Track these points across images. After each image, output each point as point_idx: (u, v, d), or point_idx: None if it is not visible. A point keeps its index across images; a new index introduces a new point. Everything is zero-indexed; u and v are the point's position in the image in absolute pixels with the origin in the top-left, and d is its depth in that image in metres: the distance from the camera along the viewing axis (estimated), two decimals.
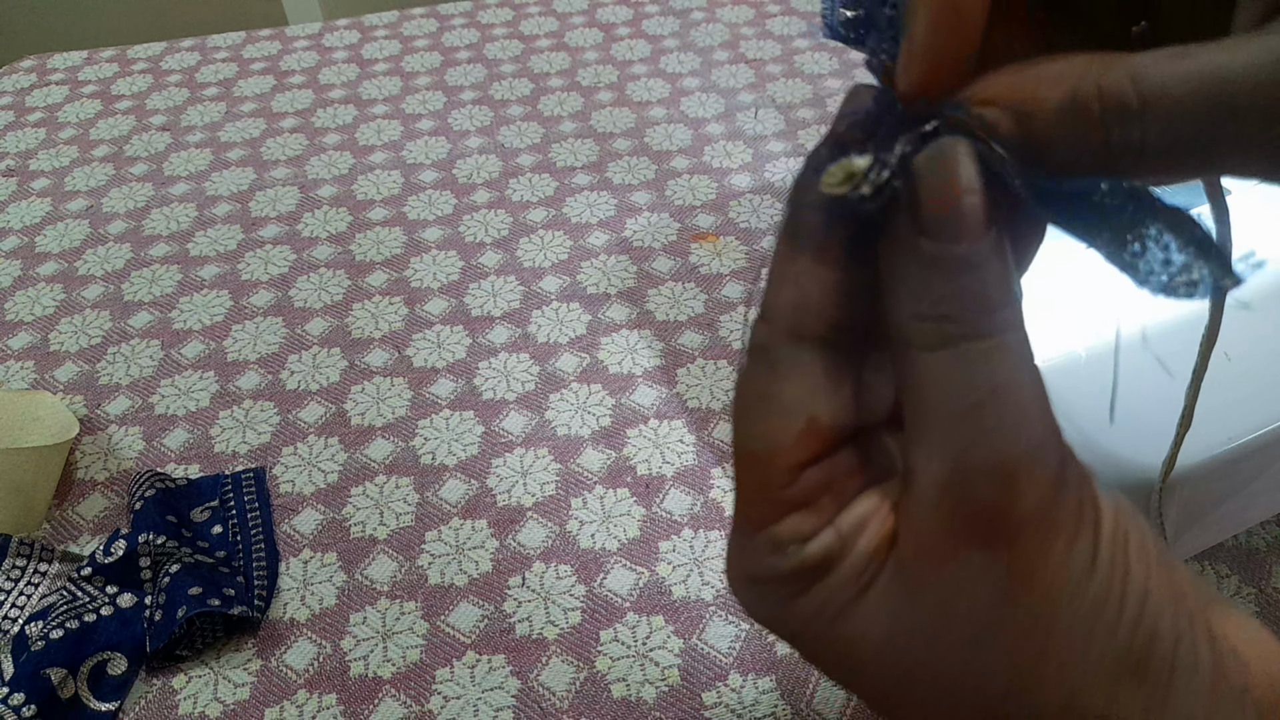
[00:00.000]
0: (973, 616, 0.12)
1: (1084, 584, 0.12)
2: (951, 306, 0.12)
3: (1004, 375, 0.12)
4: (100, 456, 0.44)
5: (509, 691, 0.34)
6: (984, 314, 0.12)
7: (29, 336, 0.51)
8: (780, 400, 0.14)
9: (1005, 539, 0.12)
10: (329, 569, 0.38)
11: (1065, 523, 0.12)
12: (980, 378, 0.12)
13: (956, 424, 0.12)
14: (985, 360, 0.12)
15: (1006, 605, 0.12)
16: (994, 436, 0.12)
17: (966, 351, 0.12)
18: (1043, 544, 0.12)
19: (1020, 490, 0.12)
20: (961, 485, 0.12)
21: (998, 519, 0.12)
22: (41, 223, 0.59)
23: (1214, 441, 0.30)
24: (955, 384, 0.12)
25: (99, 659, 0.35)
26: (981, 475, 0.12)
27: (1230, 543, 0.36)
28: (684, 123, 0.64)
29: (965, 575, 0.12)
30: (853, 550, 0.13)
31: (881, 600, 0.13)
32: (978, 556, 0.12)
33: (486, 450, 0.43)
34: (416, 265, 0.53)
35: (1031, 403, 0.12)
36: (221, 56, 0.76)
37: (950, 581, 0.13)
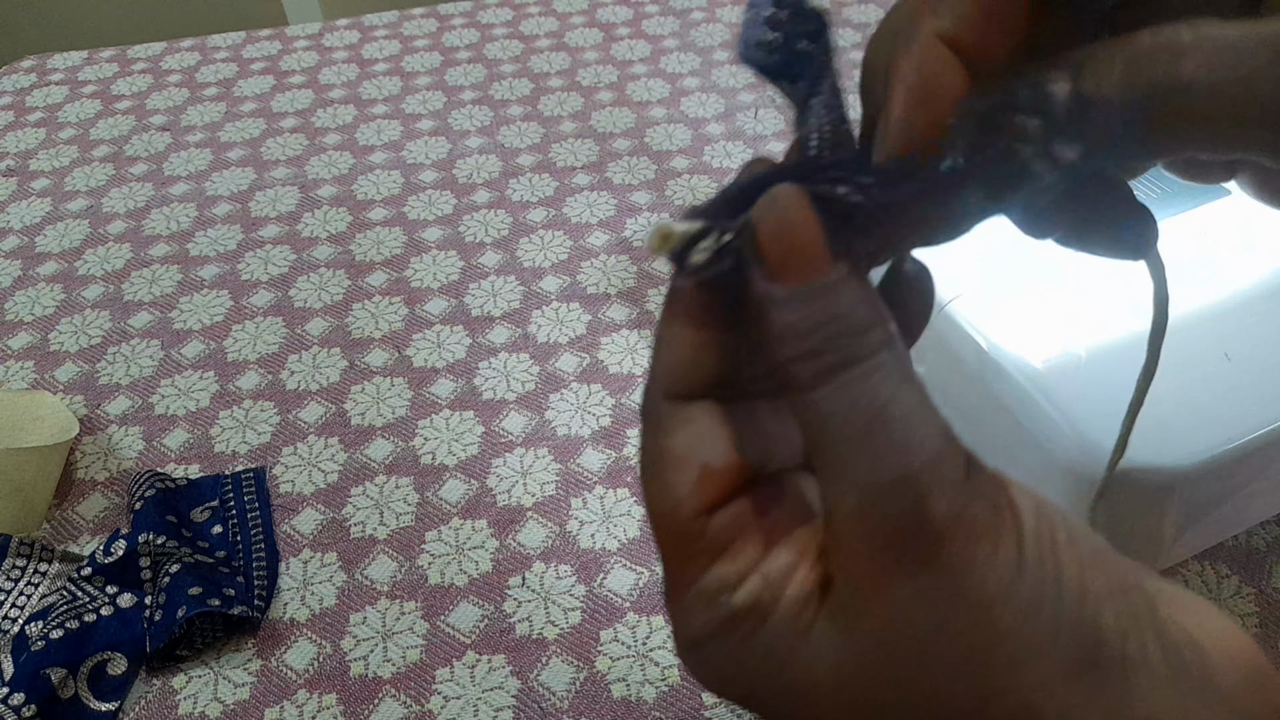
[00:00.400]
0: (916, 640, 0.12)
1: (1016, 586, 0.12)
2: (817, 340, 0.13)
3: (885, 393, 0.12)
4: (100, 456, 0.44)
5: (509, 691, 0.34)
6: (851, 340, 0.13)
7: (29, 336, 0.51)
8: (671, 454, 0.14)
9: (927, 553, 0.12)
10: (329, 569, 0.38)
11: (983, 526, 0.12)
12: (863, 402, 0.12)
13: (853, 452, 0.12)
14: (864, 383, 0.12)
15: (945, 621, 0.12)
16: (889, 454, 0.12)
17: (844, 380, 0.13)
18: (965, 551, 0.12)
19: (928, 499, 0.12)
20: (871, 509, 0.12)
21: (914, 534, 0.12)
22: (41, 223, 0.59)
23: (1214, 441, 0.30)
24: (841, 414, 0.13)
25: (99, 659, 0.35)
26: (886, 494, 0.12)
27: (1230, 542, 0.36)
28: (684, 123, 0.64)
29: (900, 600, 0.12)
30: (784, 595, 0.13)
31: (826, 640, 0.13)
32: (906, 579, 0.12)
33: (486, 450, 0.43)
34: (416, 265, 0.53)
35: (919, 415, 0.13)
36: (221, 56, 0.76)
37: (887, 609, 0.12)
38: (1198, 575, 0.35)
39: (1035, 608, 0.12)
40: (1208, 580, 0.35)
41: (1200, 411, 0.30)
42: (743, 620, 0.13)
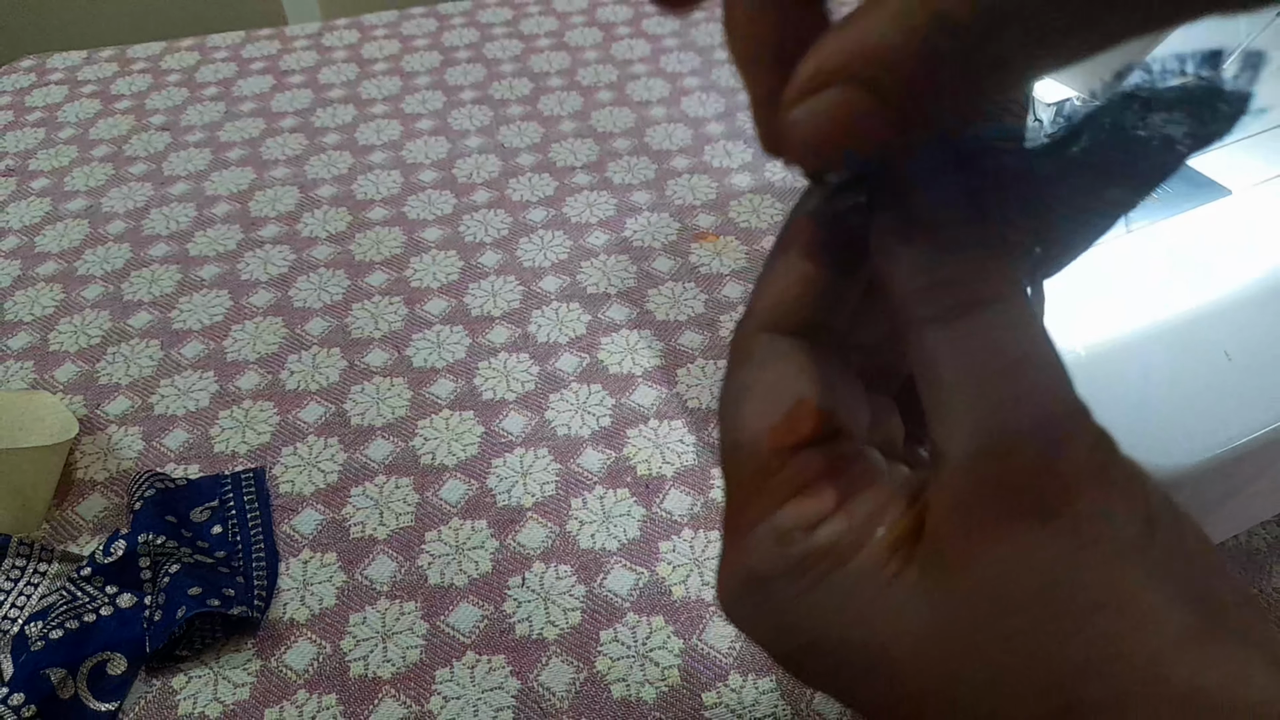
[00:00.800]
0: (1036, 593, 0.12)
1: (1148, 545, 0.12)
2: (961, 270, 0.12)
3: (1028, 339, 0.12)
4: (100, 457, 0.44)
5: (509, 692, 0.34)
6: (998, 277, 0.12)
7: (29, 336, 0.51)
8: (764, 385, 0.13)
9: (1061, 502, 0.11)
10: (329, 569, 0.38)
11: (1119, 480, 0.12)
12: (1008, 340, 0.12)
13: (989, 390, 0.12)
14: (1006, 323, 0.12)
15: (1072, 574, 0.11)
16: (1033, 397, 0.12)
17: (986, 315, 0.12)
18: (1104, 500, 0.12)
19: (1070, 448, 0.12)
20: (1005, 451, 0.12)
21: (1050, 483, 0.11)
22: (41, 222, 0.59)
23: (1214, 441, 0.30)
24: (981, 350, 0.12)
25: (99, 659, 0.35)
26: (1026, 437, 0.11)
27: (1231, 542, 0.36)
28: (684, 122, 0.64)
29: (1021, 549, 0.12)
30: (870, 538, 0.13)
31: (913, 593, 0.12)
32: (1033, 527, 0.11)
33: (486, 450, 0.42)
34: (416, 265, 0.53)
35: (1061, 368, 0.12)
36: (221, 56, 0.76)
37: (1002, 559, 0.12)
38: None
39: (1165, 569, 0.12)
40: None
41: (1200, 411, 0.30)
42: (820, 559, 0.13)
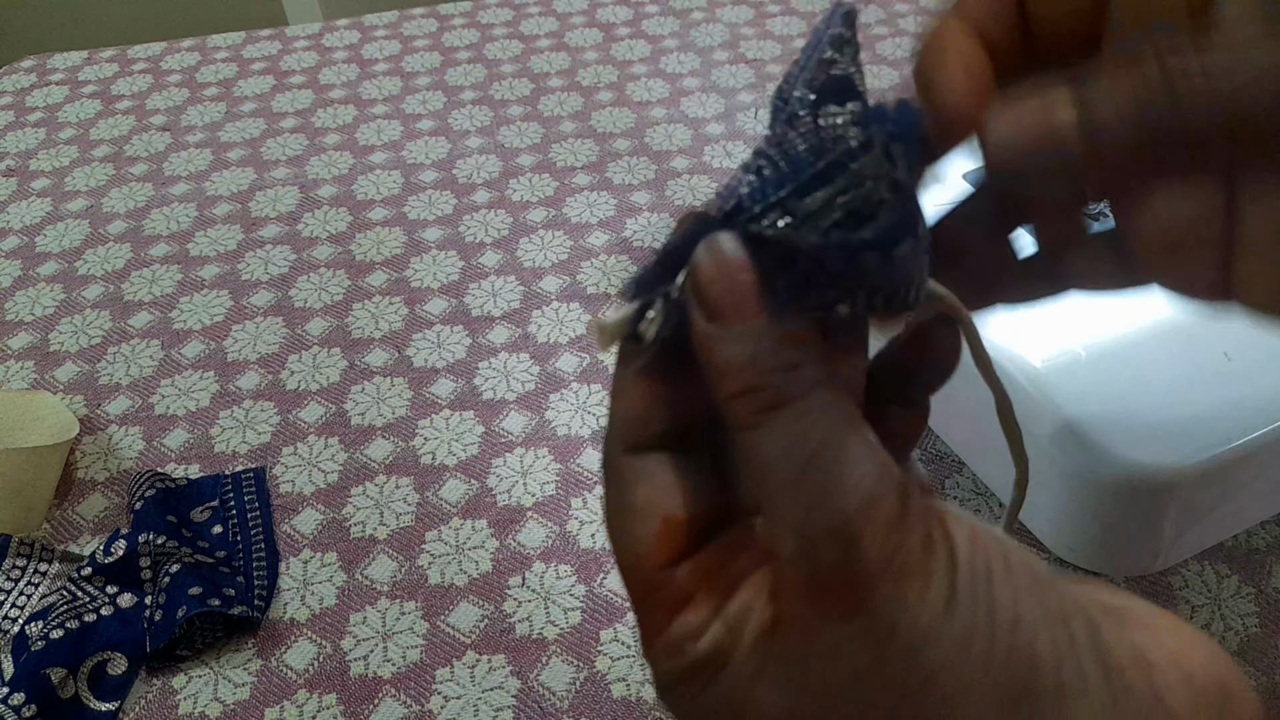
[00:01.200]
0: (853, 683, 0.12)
1: (946, 623, 0.12)
2: (753, 376, 0.13)
3: (820, 433, 0.13)
4: (100, 456, 0.44)
5: (509, 691, 0.34)
6: (783, 377, 0.13)
7: (29, 336, 0.51)
8: (633, 507, 0.14)
9: (859, 597, 0.12)
10: (329, 569, 0.38)
11: (914, 566, 0.12)
12: (797, 443, 0.13)
13: (790, 494, 0.13)
14: (799, 422, 0.13)
15: (878, 664, 0.12)
16: (823, 498, 0.12)
17: (780, 419, 0.13)
18: (896, 593, 0.12)
19: (860, 544, 0.12)
20: (808, 554, 0.12)
21: (848, 580, 0.12)
22: (41, 223, 0.59)
23: (1214, 441, 0.30)
24: (778, 456, 0.13)
25: (99, 659, 0.35)
26: (822, 540, 0.12)
27: (1230, 542, 0.36)
28: (684, 123, 0.64)
29: (836, 642, 0.12)
30: (741, 638, 0.13)
31: (775, 683, 0.13)
32: (841, 623, 0.12)
33: (487, 450, 0.43)
34: (416, 265, 0.53)
35: (855, 453, 0.13)
36: (221, 56, 0.76)
37: (825, 652, 0.13)
38: (1197, 575, 0.35)
39: (966, 643, 0.12)
40: (1207, 580, 0.35)
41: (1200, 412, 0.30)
42: (705, 666, 0.14)
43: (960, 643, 0.12)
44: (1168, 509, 0.30)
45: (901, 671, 0.12)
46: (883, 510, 0.12)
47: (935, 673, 0.12)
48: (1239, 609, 0.34)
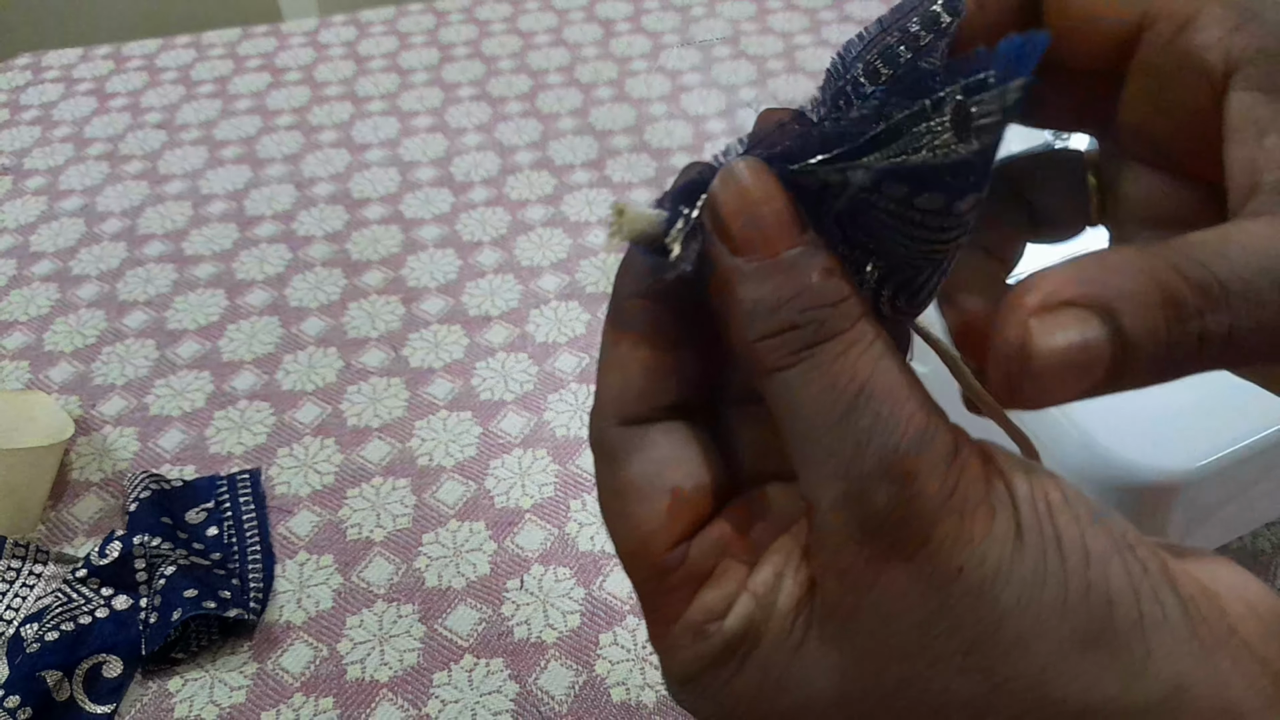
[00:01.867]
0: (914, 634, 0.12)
1: (1016, 562, 0.11)
2: (788, 314, 0.12)
3: (866, 368, 0.12)
4: (95, 457, 0.43)
5: (507, 695, 0.33)
6: (825, 312, 0.12)
7: (24, 336, 0.50)
8: (633, 485, 0.13)
9: (920, 539, 0.11)
10: (325, 571, 0.38)
11: (976, 503, 0.11)
12: (843, 378, 0.12)
13: (834, 435, 0.12)
14: (843, 358, 0.12)
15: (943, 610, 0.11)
16: (875, 435, 0.11)
17: (821, 356, 0.12)
18: (960, 532, 0.11)
19: (919, 483, 0.11)
20: (859, 497, 0.12)
21: (906, 520, 0.11)
22: (36, 221, 0.58)
23: (1219, 443, 0.29)
24: (820, 393, 0.12)
25: (94, 661, 0.35)
26: (875, 479, 0.11)
27: (1235, 544, 0.36)
28: (684, 119, 0.63)
29: (894, 592, 0.12)
30: (774, 610, 0.13)
31: (820, 652, 0.12)
32: (899, 568, 0.11)
33: (484, 451, 0.42)
34: (413, 264, 0.53)
35: (903, 389, 0.12)
36: (217, 53, 0.75)
37: (880, 605, 0.12)
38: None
39: (1038, 580, 0.11)
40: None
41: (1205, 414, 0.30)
42: (737, 647, 0.13)
43: (1032, 581, 0.11)
44: (1173, 511, 0.30)
45: (971, 616, 0.11)
46: (938, 445, 0.12)
47: (1007, 615, 0.11)
48: None
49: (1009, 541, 0.11)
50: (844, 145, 0.12)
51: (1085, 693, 0.11)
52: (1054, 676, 0.11)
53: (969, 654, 0.11)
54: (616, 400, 0.14)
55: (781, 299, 0.12)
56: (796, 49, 0.70)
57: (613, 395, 0.14)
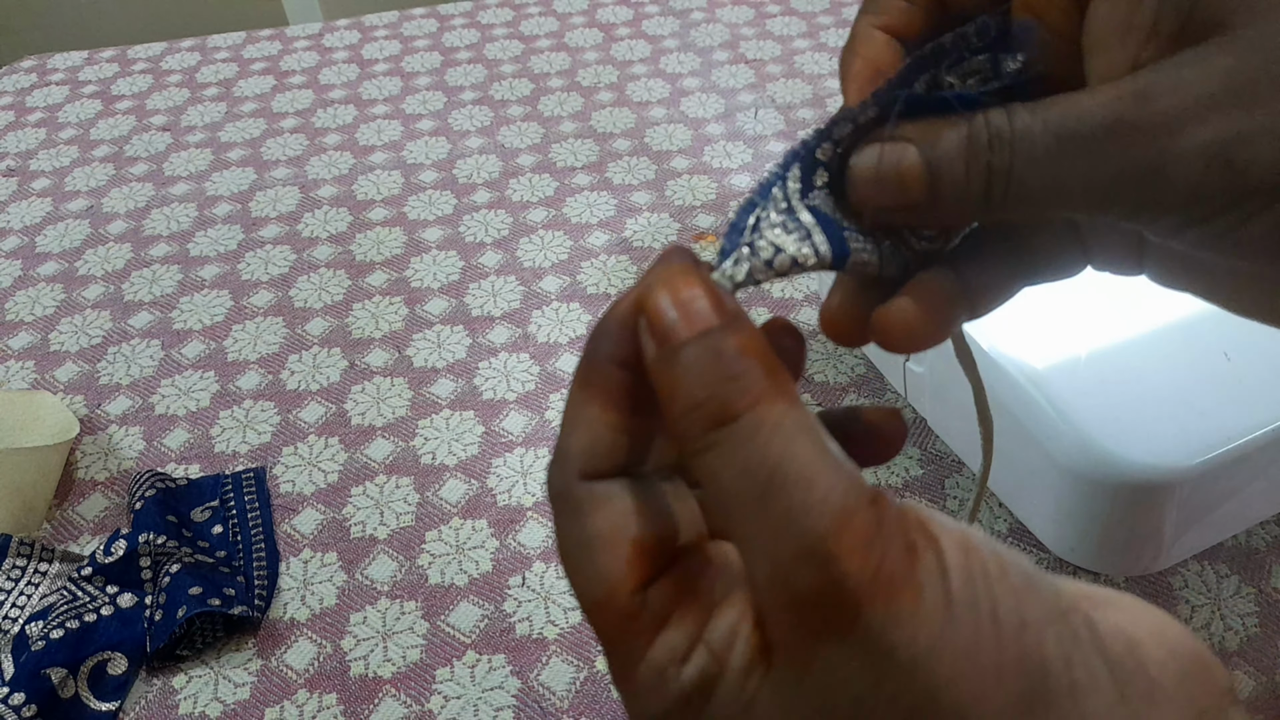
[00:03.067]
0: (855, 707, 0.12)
1: (948, 635, 0.11)
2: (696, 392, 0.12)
3: (777, 448, 0.12)
4: (100, 456, 0.44)
5: (509, 691, 0.34)
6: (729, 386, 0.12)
7: (29, 336, 0.51)
8: (599, 536, 0.14)
9: (849, 619, 0.12)
10: (329, 569, 0.38)
11: (903, 580, 0.12)
12: (754, 460, 0.12)
13: (754, 520, 0.12)
14: (752, 439, 0.12)
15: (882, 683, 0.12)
16: (791, 521, 0.12)
17: (731, 437, 0.12)
18: (888, 611, 0.11)
19: (840, 565, 0.11)
20: (784, 580, 0.12)
21: (832, 601, 0.12)
22: (42, 223, 0.59)
23: (1213, 441, 0.30)
24: (735, 477, 0.12)
25: (99, 659, 0.35)
26: (796, 563, 0.12)
27: (1230, 542, 0.36)
28: (684, 123, 0.64)
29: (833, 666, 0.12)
30: (728, 666, 0.13)
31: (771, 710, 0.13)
32: (834, 645, 0.12)
33: (487, 450, 0.43)
34: (417, 265, 0.53)
35: (816, 466, 0.12)
36: (222, 57, 0.76)
37: (819, 677, 0.12)
38: (1197, 575, 0.35)
39: (973, 652, 0.11)
40: (1207, 580, 0.35)
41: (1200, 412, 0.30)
42: (693, 694, 0.13)
43: (966, 652, 0.11)
44: (1168, 509, 0.30)
45: (906, 691, 0.11)
46: (857, 524, 0.12)
47: (943, 687, 0.11)
48: (1239, 609, 0.34)
49: (939, 614, 0.11)
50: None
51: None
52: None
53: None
54: (583, 456, 0.14)
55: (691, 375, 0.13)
56: (795, 53, 0.71)
57: (579, 451, 0.14)
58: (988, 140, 0.14)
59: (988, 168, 0.14)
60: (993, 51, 0.15)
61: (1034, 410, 0.31)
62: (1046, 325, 0.33)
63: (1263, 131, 0.13)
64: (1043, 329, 0.33)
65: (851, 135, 0.15)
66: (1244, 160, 0.13)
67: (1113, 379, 0.31)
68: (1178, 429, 0.30)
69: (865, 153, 0.15)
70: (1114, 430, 0.30)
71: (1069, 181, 0.14)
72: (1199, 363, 0.32)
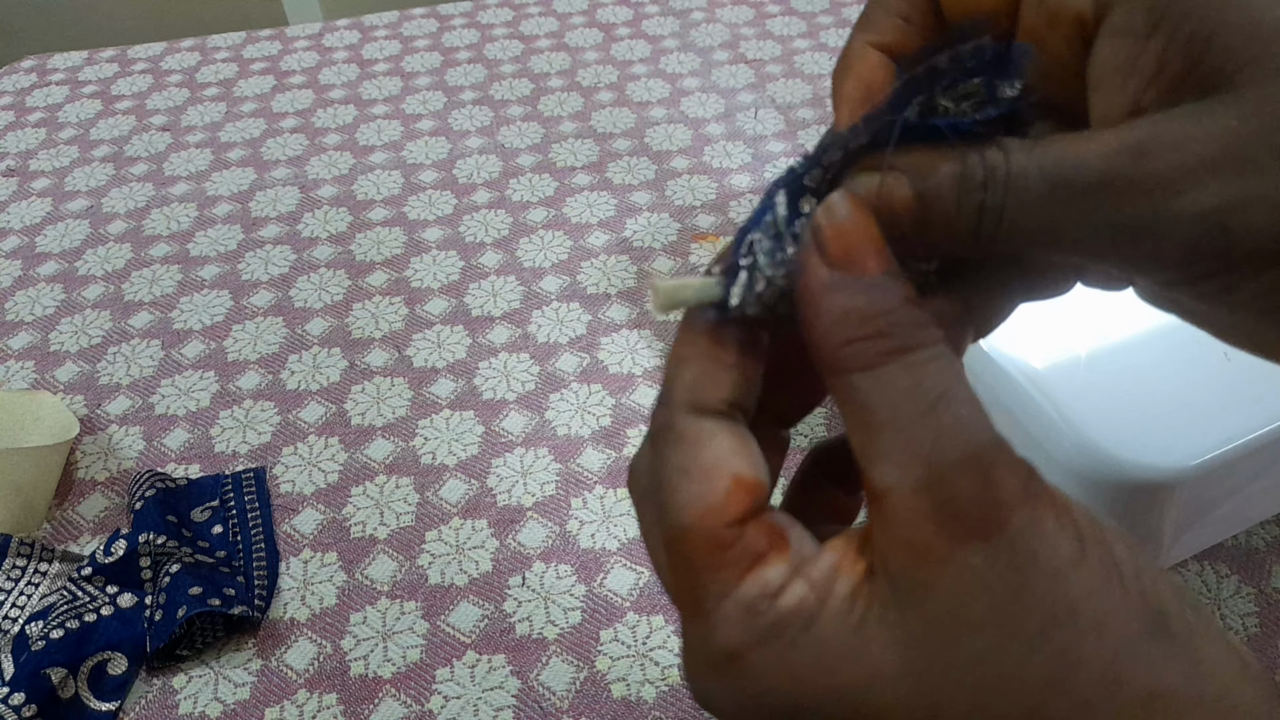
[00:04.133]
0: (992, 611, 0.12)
1: (1085, 556, 0.12)
2: (881, 324, 0.13)
3: (949, 378, 0.13)
4: (100, 456, 0.44)
5: (509, 691, 0.34)
6: (913, 329, 0.13)
7: (29, 336, 0.51)
8: (700, 466, 0.14)
9: (998, 524, 0.12)
10: (329, 569, 0.38)
11: (1047, 501, 0.13)
12: (930, 381, 0.13)
13: (918, 426, 0.13)
14: (931, 365, 0.13)
15: (1021, 590, 0.12)
16: (959, 430, 0.13)
17: (911, 361, 0.13)
18: (1034, 523, 0.12)
19: (999, 474, 0.12)
20: (940, 482, 0.13)
21: (986, 507, 0.12)
22: (42, 223, 0.59)
23: (1213, 441, 0.30)
24: (907, 391, 0.13)
25: (99, 659, 0.35)
26: (957, 469, 0.12)
27: (1230, 542, 0.36)
28: (684, 123, 0.64)
29: (971, 570, 0.12)
30: (833, 594, 0.13)
31: (883, 628, 0.13)
32: (977, 549, 0.12)
33: (486, 450, 0.43)
34: (417, 265, 0.53)
35: (980, 402, 0.13)
36: (222, 57, 0.76)
37: (956, 580, 0.12)
38: (1197, 575, 0.35)
39: (1105, 577, 0.12)
40: (1207, 580, 0.35)
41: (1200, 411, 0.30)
42: (791, 622, 0.13)
43: (1100, 577, 0.12)
44: (1168, 509, 0.30)
45: (1048, 597, 0.12)
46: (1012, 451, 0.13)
47: (1081, 600, 0.12)
48: (1239, 609, 0.34)
49: (1075, 539, 0.12)
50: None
51: (1153, 679, 0.12)
52: (1126, 659, 0.12)
53: (1045, 633, 0.12)
54: (690, 389, 0.15)
55: (875, 309, 0.13)
56: (795, 53, 0.71)
57: (685, 384, 0.15)
58: (982, 179, 0.14)
59: (980, 206, 0.14)
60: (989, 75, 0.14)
61: (1033, 410, 0.31)
62: (1046, 325, 0.33)
63: (1260, 199, 0.13)
64: (1042, 329, 0.33)
65: (841, 162, 0.15)
66: (1239, 227, 0.13)
67: (1112, 379, 0.31)
68: (1177, 429, 0.30)
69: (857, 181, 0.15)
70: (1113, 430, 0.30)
71: (1062, 227, 0.14)
72: (1198, 363, 0.32)
